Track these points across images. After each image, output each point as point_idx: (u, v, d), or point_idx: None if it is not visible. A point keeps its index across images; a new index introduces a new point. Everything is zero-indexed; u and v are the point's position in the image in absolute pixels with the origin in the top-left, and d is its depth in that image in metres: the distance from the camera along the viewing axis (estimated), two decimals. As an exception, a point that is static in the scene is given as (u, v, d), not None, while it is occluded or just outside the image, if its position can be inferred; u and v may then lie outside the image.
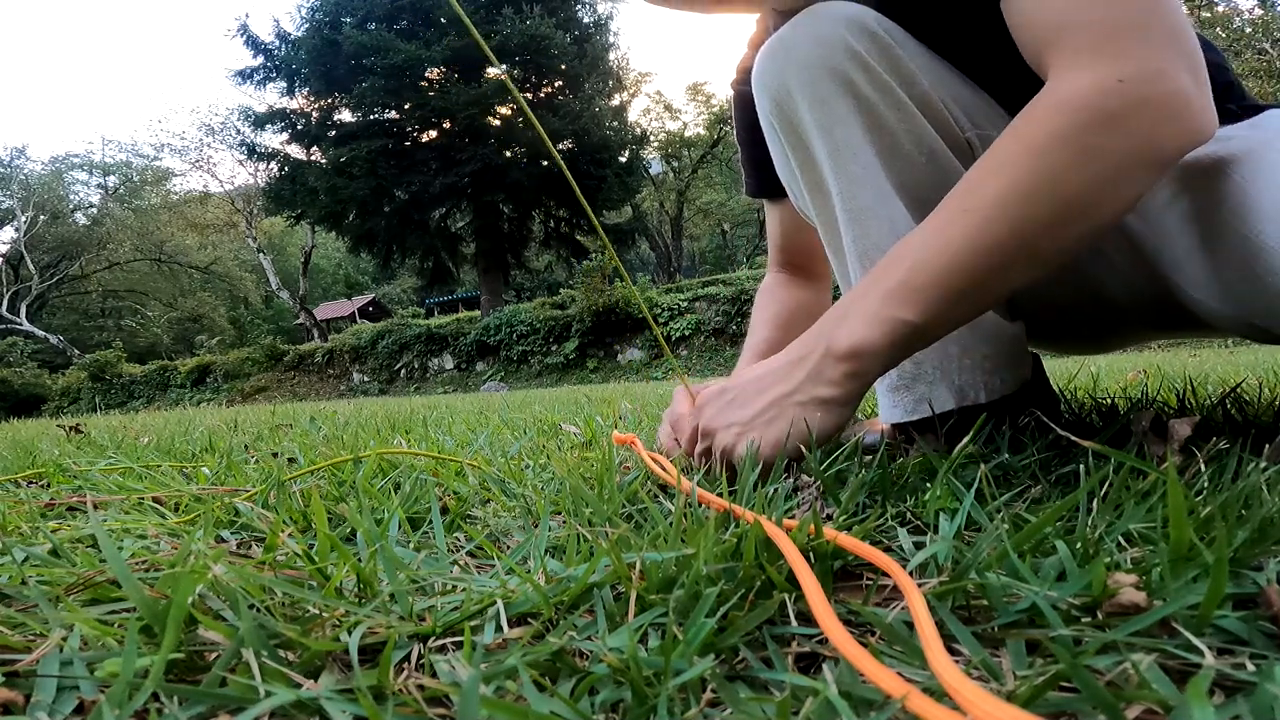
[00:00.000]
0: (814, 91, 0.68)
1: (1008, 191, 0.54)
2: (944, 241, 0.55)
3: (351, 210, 17.61)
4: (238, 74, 18.67)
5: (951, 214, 0.56)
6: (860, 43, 0.66)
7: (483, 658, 0.32)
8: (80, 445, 1.56)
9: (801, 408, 0.58)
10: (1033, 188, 0.53)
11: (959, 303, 0.56)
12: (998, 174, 0.55)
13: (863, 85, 0.67)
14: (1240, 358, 3.26)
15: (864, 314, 0.57)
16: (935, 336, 0.58)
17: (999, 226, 0.54)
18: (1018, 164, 0.54)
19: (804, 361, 0.59)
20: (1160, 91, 0.52)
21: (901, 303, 0.55)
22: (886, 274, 0.57)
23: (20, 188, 26.10)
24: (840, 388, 0.57)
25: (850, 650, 0.27)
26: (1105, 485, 0.44)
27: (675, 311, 13.63)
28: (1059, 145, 0.53)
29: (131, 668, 0.28)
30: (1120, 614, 0.31)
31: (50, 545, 0.48)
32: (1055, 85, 0.55)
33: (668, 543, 0.41)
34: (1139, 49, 0.53)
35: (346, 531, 0.56)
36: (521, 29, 16.57)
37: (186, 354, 22.47)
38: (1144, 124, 0.52)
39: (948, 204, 0.57)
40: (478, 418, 1.87)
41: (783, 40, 0.70)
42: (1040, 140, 0.53)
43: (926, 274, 0.55)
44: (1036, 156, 0.53)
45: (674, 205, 26.38)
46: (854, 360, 0.57)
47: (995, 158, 0.56)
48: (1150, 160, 0.53)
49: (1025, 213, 0.53)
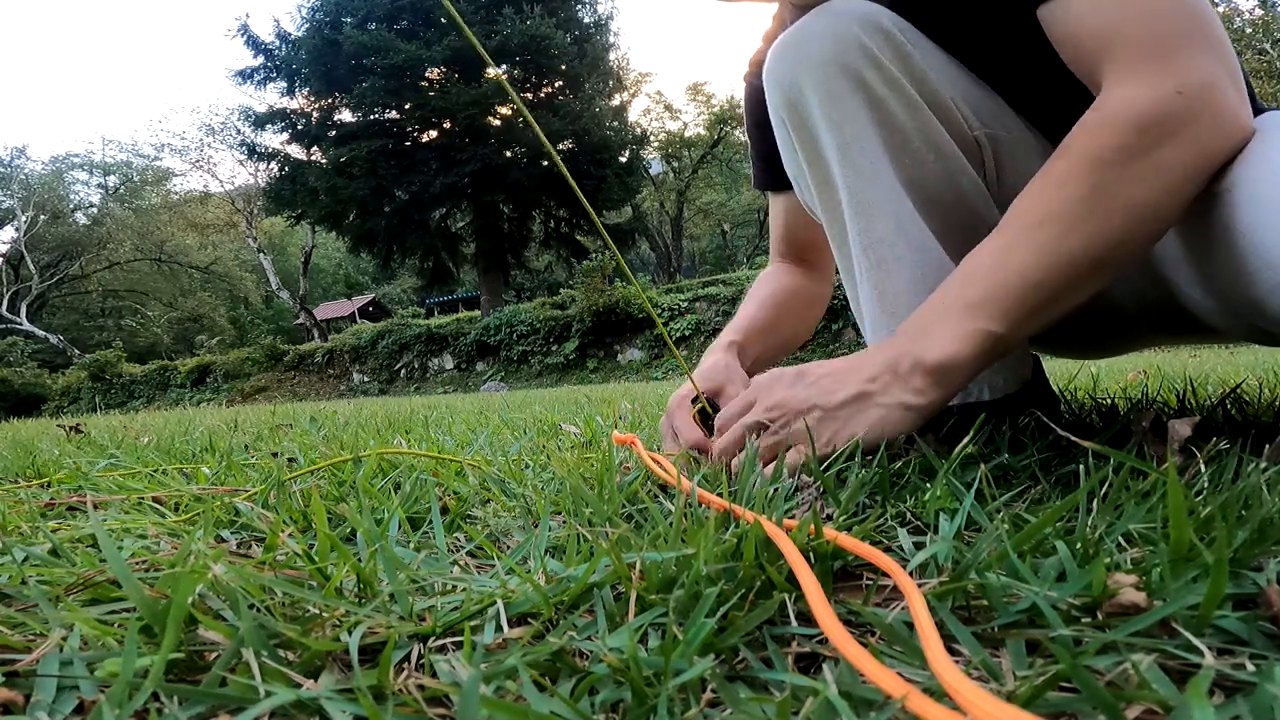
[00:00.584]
0: (826, 87, 0.68)
1: (1080, 205, 0.55)
2: (1022, 256, 0.57)
3: (352, 210, 17.62)
4: (238, 74, 18.70)
5: (1026, 228, 0.57)
6: (873, 40, 0.67)
7: (483, 658, 0.32)
8: (80, 445, 1.56)
9: (885, 409, 0.58)
10: (1104, 200, 0.55)
11: (1039, 313, 0.57)
12: (1065, 187, 0.56)
13: (874, 82, 0.67)
14: (1240, 358, 3.26)
15: (950, 329, 0.57)
16: (1018, 344, 0.60)
17: (1073, 240, 0.55)
18: (1086, 177, 0.56)
19: (892, 366, 0.59)
20: (1213, 101, 0.54)
21: (989, 317, 0.57)
22: (967, 289, 0.58)
23: (20, 187, 26.11)
24: (925, 397, 0.58)
25: (850, 650, 0.27)
26: (1105, 485, 0.44)
27: (675, 311, 13.64)
28: (1126, 158, 0.55)
29: (131, 667, 0.28)
30: (1120, 614, 0.31)
31: (50, 545, 0.48)
32: (1112, 96, 0.57)
33: (668, 543, 0.41)
34: (1190, 60, 0.55)
35: (346, 531, 0.56)
36: (522, 29, 16.58)
37: (186, 354, 22.48)
38: (1201, 133, 0.54)
39: (1020, 218, 0.58)
40: (478, 418, 1.87)
41: (796, 35, 0.70)
42: (1107, 154, 0.55)
43: (1007, 289, 0.56)
44: (1104, 170, 0.55)
45: (674, 205, 26.39)
46: (943, 373, 0.57)
47: (1061, 171, 0.57)
48: (1206, 167, 0.55)
49: (1097, 226, 0.55)
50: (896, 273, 0.69)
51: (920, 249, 0.68)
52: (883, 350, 0.60)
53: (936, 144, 0.69)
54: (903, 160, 0.69)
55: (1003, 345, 0.58)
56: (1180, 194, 0.55)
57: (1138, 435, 0.60)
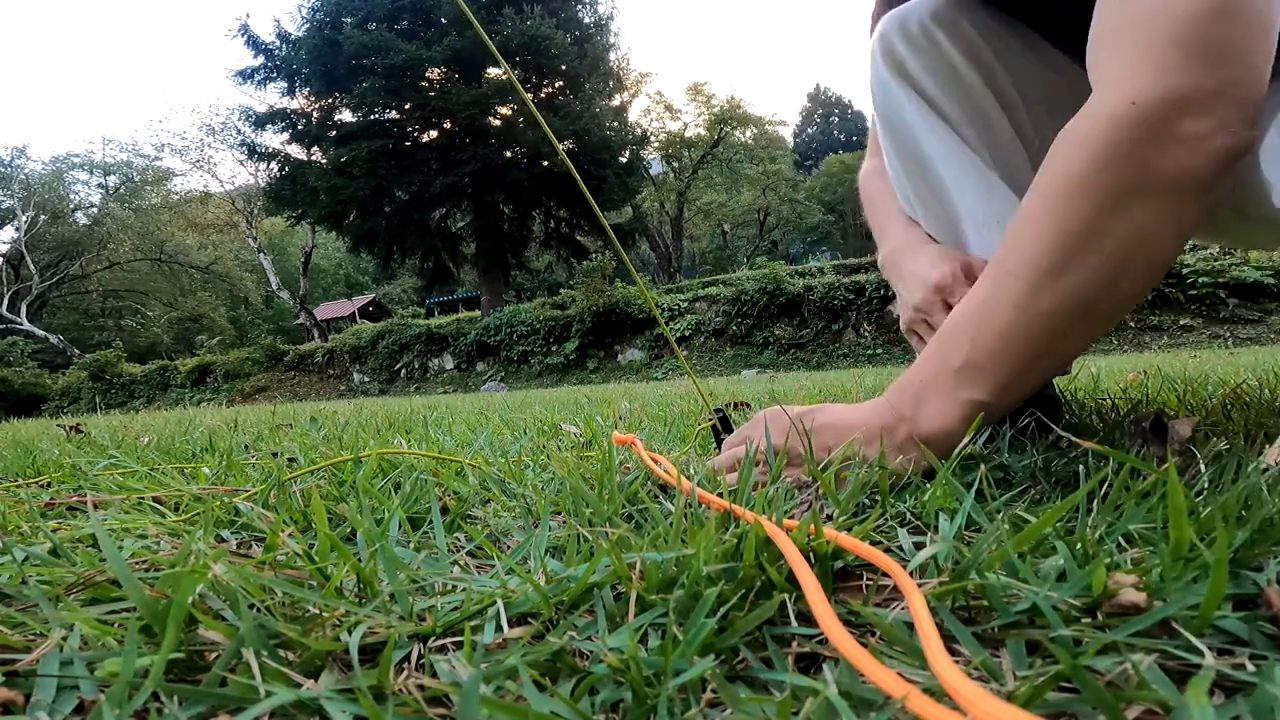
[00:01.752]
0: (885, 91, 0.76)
1: (1044, 249, 0.50)
2: (994, 312, 0.53)
3: (352, 210, 17.62)
4: (238, 74, 18.69)
5: (997, 279, 0.54)
6: (909, 47, 0.73)
7: (483, 658, 0.32)
8: (80, 445, 1.56)
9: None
10: (1069, 241, 0.50)
11: (1027, 371, 0.54)
12: (1030, 227, 0.52)
13: (921, 80, 0.74)
14: (1240, 358, 3.26)
15: (942, 399, 0.56)
16: (1014, 403, 0.57)
17: (1044, 290, 0.50)
18: (1044, 217, 0.50)
19: (891, 433, 0.58)
20: (1168, 123, 0.47)
21: (971, 385, 0.55)
22: (953, 351, 0.56)
23: (21, 187, 26.09)
24: (918, 466, 0.57)
25: (850, 650, 0.27)
26: (1105, 486, 0.44)
27: (675, 312, 13.64)
28: (1084, 190, 0.49)
29: (131, 667, 0.28)
30: (1120, 614, 0.31)
31: (50, 545, 0.48)
32: (1081, 112, 0.52)
33: (668, 543, 0.41)
34: (1155, 70, 0.48)
35: (347, 531, 0.56)
36: (522, 29, 16.58)
37: (186, 354, 22.46)
38: (1149, 158, 0.48)
39: (994, 265, 0.55)
40: (478, 418, 1.87)
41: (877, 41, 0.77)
42: (1069, 185, 0.50)
43: (986, 352, 0.54)
44: (1068, 205, 0.49)
45: (674, 206, 26.39)
46: (934, 445, 0.56)
47: (1023, 210, 0.53)
48: (1185, 187, 0.48)
49: (1069, 269, 0.49)
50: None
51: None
52: (882, 412, 0.59)
53: (989, 143, 0.73)
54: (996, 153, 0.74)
55: (995, 408, 0.55)
56: (1160, 222, 0.49)
57: (1138, 436, 0.60)
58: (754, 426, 0.65)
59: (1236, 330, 9.24)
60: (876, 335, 12.10)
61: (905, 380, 0.60)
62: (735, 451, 0.64)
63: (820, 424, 0.61)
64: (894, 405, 0.59)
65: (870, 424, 0.59)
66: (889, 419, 0.58)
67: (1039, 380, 0.56)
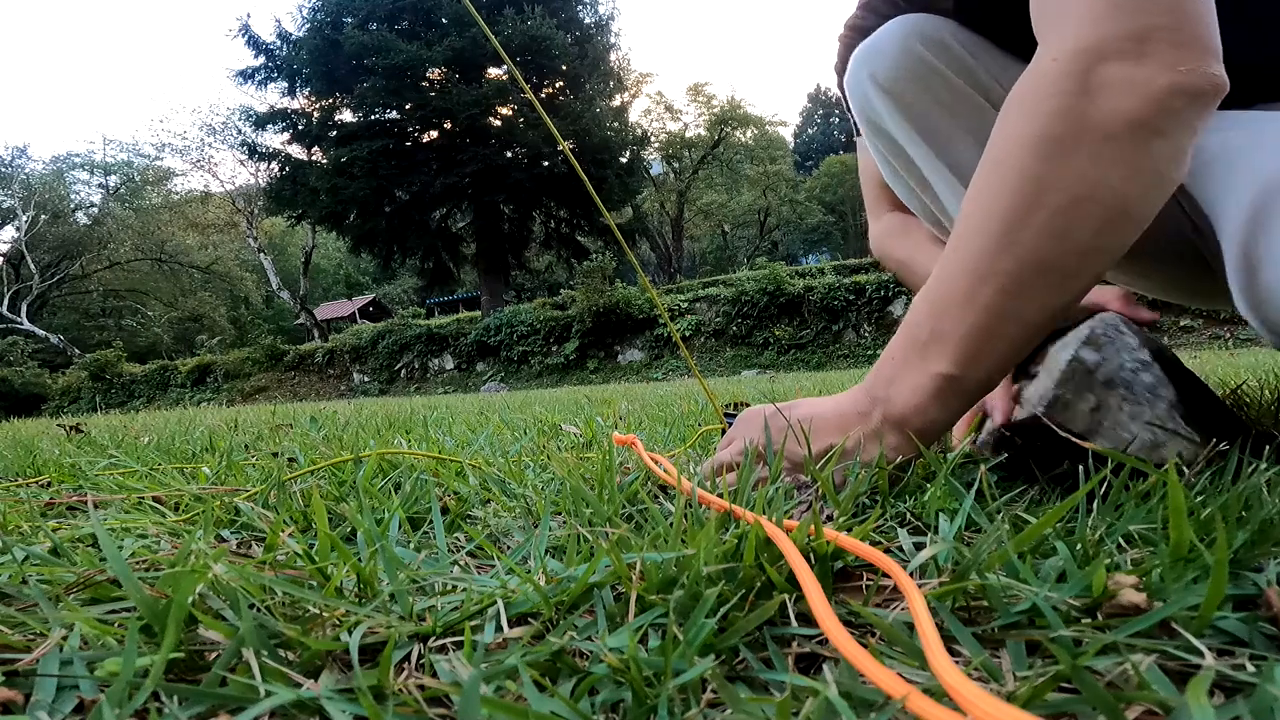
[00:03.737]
0: (898, 101, 0.74)
1: (993, 210, 0.50)
2: (953, 280, 0.52)
3: (352, 210, 17.63)
4: (239, 74, 18.71)
5: (954, 248, 0.53)
6: (937, 55, 0.72)
7: (483, 658, 0.32)
8: (80, 445, 1.56)
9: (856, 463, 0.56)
10: (1015, 199, 0.49)
11: (993, 338, 0.51)
12: (978, 192, 0.52)
13: (941, 90, 0.73)
14: (1241, 359, 3.26)
15: (909, 375, 0.54)
16: (989, 380, 0.54)
17: (998, 252, 0.50)
18: (993, 177, 0.51)
19: (866, 419, 0.57)
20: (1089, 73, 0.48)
21: (939, 357, 0.53)
22: (918, 327, 0.54)
23: (21, 187, 26.10)
24: (899, 452, 0.55)
25: (850, 651, 0.27)
26: (1105, 486, 0.44)
27: (676, 312, 13.65)
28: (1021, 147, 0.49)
29: (131, 667, 0.28)
30: (1120, 615, 0.31)
31: (50, 544, 0.48)
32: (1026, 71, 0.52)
33: (668, 543, 0.41)
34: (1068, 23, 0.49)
35: (347, 531, 0.56)
36: (523, 29, 16.60)
37: (187, 354, 22.47)
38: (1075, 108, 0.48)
39: (952, 238, 0.54)
40: (478, 418, 1.87)
41: (868, 52, 0.76)
42: (1004, 146, 0.50)
43: (949, 320, 0.52)
44: (1008, 166, 0.50)
45: (674, 206, 26.41)
46: (911, 425, 0.54)
47: (976, 173, 0.53)
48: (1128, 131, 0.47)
49: (1020, 227, 0.49)
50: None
51: None
52: (857, 398, 0.58)
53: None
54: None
55: (962, 382, 0.52)
56: (1105, 180, 0.47)
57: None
58: (739, 428, 0.65)
59: (1237, 331, 9.26)
60: (877, 335, 12.11)
61: (879, 365, 0.59)
62: (722, 456, 0.63)
63: (799, 417, 0.60)
64: (868, 390, 0.58)
65: (845, 411, 0.58)
66: (863, 404, 0.58)
67: (1011, 350, 0.53)
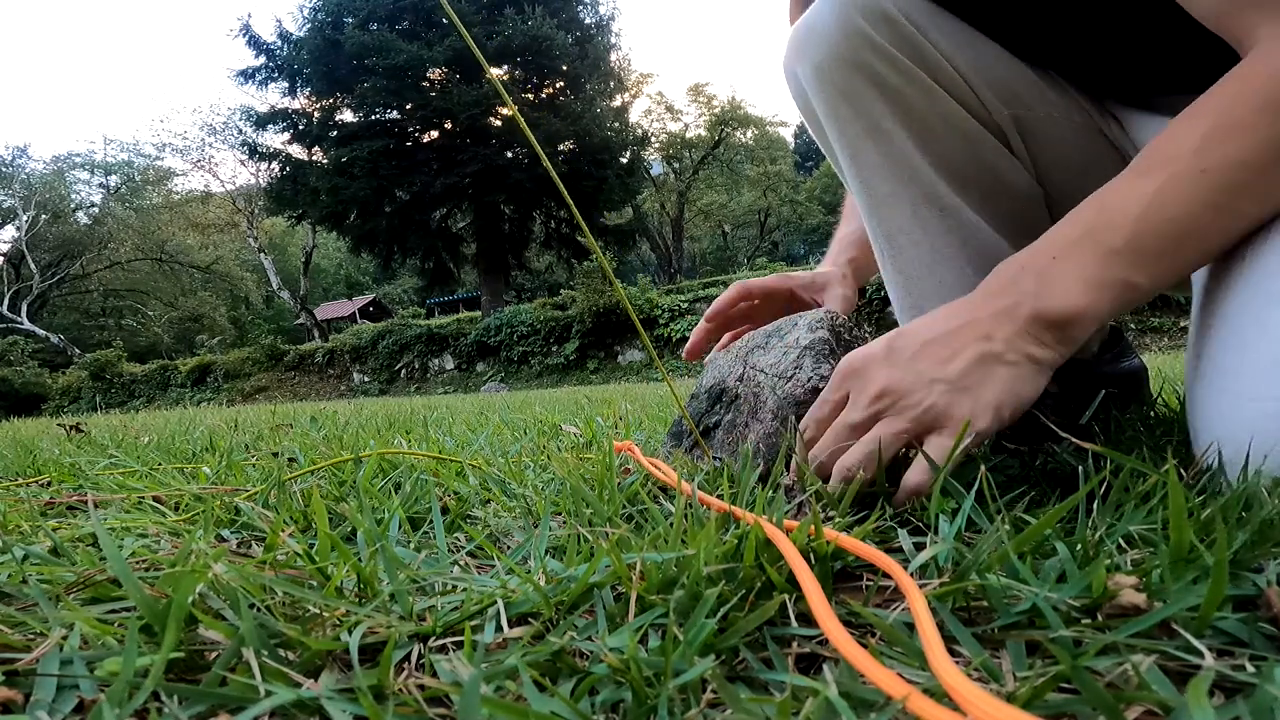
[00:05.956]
0: (836, 87, 0.70)
1: (1249, 155, 0.50)
2: (1178, 204, 0.51)
3: (353, 210, 17.63)
4: (240, 74, 18.72)
5: (1185, 175, 0.51)
6: (879, 30, 0.67)
7: (483, 657, 0.32)
8: (81, 444, 1.56)
9: (1014, 366, 0.51)
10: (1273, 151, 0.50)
11: (1186, 265, 0.53)
12: (1242, 134, 0.51)
13: (886, 74, 0.68)
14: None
15: (1081, 277, 0.51)
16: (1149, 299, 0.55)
17: (1241, 190, 0.50)
18: (1255, 128, 0.50)
19: (1009, 316, 0.52)
20: None
21: (1131, 266, 0.51)
22: (1103, 234, 0.52)
23: (22, 187, 26.08)
24: (1053, 350, 0.52)
25: (851, 651, 0.27)
26: (1105, 487, 0.44)
27: (675, 313, 13.64)
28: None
29: (131, 667, 0.28)
30: (1120, 615, 0.31)
31: (51, 544, 0.48)
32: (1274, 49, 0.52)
33: (668, 543, 0.41)
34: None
35: (347, 531, 0.56)
36: (523, 29, 16.60)
37: (187, 354, 22.49)
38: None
39: (1175, 163, 0.52)
40: (478, 418, 1.87)
41: (803, 31, 0.72)
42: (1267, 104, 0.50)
43: (1158, 238, 0.51)
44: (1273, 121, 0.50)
45: (675, 206, 26.40)
46: (1070, 327, 0.51)
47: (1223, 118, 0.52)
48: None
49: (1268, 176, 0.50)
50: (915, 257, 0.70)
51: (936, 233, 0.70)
52: (987, 300, 0.54)
53: (960, 127, 0.69)
54: (929, 144, 0.69)
55: (1143, 295, 0.52)
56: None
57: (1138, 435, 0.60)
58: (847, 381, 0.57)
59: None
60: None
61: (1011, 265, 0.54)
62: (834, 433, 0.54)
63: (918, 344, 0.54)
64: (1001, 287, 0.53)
65: (982, 313, 0.53)
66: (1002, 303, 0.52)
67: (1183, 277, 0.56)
